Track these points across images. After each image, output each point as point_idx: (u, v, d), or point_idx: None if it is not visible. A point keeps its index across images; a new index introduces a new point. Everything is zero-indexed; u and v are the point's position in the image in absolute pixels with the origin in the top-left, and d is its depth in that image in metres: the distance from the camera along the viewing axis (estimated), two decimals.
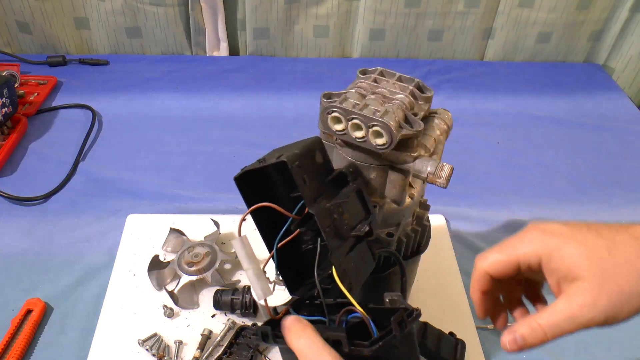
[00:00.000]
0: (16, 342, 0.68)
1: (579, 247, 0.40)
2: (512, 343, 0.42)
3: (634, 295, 0.39)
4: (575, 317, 0.40)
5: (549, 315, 0.41)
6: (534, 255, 0.42)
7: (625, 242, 0.40)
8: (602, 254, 0.40)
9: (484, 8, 1.22)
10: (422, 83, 0.56)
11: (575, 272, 0.40)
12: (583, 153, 1.06)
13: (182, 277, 0.73)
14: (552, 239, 0.41)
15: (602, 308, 0.39)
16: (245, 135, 1.05)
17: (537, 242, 0.42)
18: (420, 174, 0.52)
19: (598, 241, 0.40)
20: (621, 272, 0.39)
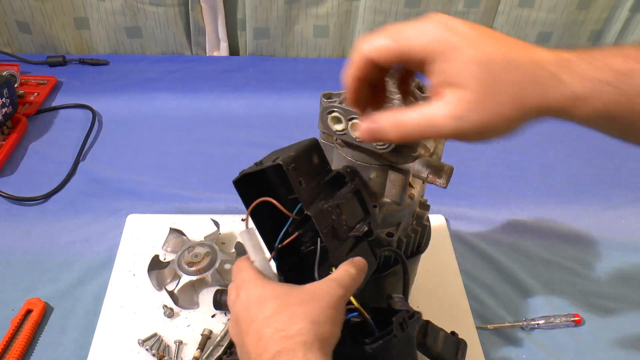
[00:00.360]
0: (16, 342, 0.68)
1: (478, 54, 0.36)
2: (366, 131, 0.40)
3: (508, 120, 0.37)
4: (440, 124, 0.37)
5: (415, 114, 0.38)
6: (427, 50, 0.37)
7: (522, 65, 0.37)
8: (494, 69, 0.36)
9: (484, 8, 1.22)
10: (422, 83, 0.56)
11: (462, 80, 0.36)
12: (583, 153, 1.06)
13: (182, 277, 0.73)
14: (451, 38, 0.37)
15: (474, 122, 0.37)
16: (245, 135, 1.05)
17: (435, 36, 0.37)
18: (420, 174, 0.52)
19: (496, 53, 0.37)
20: (506, 93, 0.36)
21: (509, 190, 0.96)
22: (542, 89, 0.37)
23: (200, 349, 0.67)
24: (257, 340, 0.40)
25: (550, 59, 0.37)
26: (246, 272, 0.46)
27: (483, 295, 0.78)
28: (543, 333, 0.74)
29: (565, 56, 0.37)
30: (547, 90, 0.37)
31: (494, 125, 0.37)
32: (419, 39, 0.38)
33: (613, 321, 0.76)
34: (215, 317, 0.72)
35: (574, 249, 0.86)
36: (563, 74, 0.37)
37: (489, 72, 0.36)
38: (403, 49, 0.38)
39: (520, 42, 0.38)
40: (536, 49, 0.38)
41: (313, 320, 0.40)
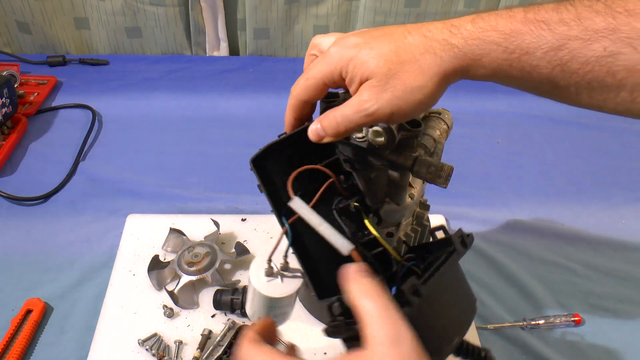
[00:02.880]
0: (16, 342, 0.68)
1: (371, 52, 0.43)
2: (313, 132, 0.46)
3: (415, 89, 0.42)
4: (362, 109, 0.43)
5: (342, 108, 0.44)
6: (335, 71, 0.45)
7: (415, 43, 0.43)
8: (390, 56, 0.43)
9: (484, 8, 1.22)
10: None
11: (366, 74, 0.43)
12: (583, 153, 1.06)
13: (182, 277, 0.73)
14: (348, 52, 0.44)
15: (386, 100, 0.42)
16: (245, 135, 1.05)
17: (336, 58, 0.45)
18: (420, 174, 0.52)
19: (388, 45, 0.43)
20: (405, 70, 0.42)
21: (509, 190, 0.96)
22: (436, 55, 0.42)
23: (200, 349, 0.67)
24: None
25: (440, 27, 0.43)
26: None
27: (483, 295, 0.78)
28: (543, 333, 0.74)
29: (453, 22, 0.43)
30: (441, 56, 0.42)
31: (409, 93, 0.43)
32: (326, 67, 0.46)
33: (613, 321, 0.76)
34: (215, 317, 0.72)
35: (574, 249, 0.86)
36: (452, 39, 0.42)
37: (387, 60, 0.43)
38: (319, 82, 0.46)
39: (410, 25, 0.45)
40: (424, 24, 0.44)
41: None
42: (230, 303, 0.70)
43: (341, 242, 0.43)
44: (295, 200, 0.45)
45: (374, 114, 0.43)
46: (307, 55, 0.52)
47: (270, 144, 0.49)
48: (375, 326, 0.36)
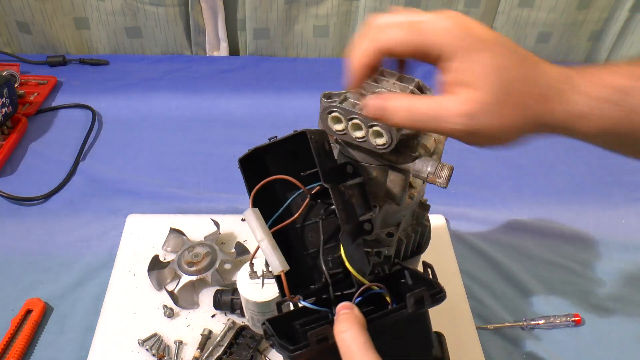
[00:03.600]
0: (16, 342, 0.68)
1: (494, 59, 0.37)
2: (376, 107, 0.40)
3: (514, 129, 0.38)
4: (451, 119, 0.37)
5: (429, 103, 0.38)
6: (444, 48, 0.37)
7: (536, 77, 0.38)
8: (510, 78, 0.37)
9: (484, 8, 1.22)
10: (422, 83, 0.56)
11: (477, 81, 0.37)
12: (583, 153, 1.06)
13: (182, 277, 0.73)
14: (469, 38, 0.37)
15: (479, 125, 0.37)
16: (245, 135, 1.05)
17: (454, 35, 0.37)
18: (420, 174, 0.52)
19: (513, 64, 0.37)
20: (516, 102, 0.37)
21: (509, 190, 0.96)
22: (549, 104, 0.37)
23: (200, 349, 0.67)
24: None
25: (557, 75, 0.38)
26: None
27: (483, 295, 0.78)
28: (543, 333, 0.74)
29: (569, 73, 0.38)
30: (553, 106, 0.37)
31: (500, 130, 0.38)
32: (438, 36, 0.37)
33: (613, 321, 0.76)
34: (215, 317, 0.72)
35: (574, 249, 0.86)
36: (568, 91, 0.37)
37: (504, 79, 0.37)
38: (421, 43, 0.38)
39: (531, 55, 0.39)
40: (544, 63, 0.39)
41: None
42: (230, 303, 0.70)
43: (275, 262, 0.45)
44: (248, 212, 0.46)
45: (464, 129, 0.37)
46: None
47: (257, 147, 0.49)
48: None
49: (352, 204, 0.46)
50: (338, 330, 0.39)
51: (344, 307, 0.41)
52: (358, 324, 0.39)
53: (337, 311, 0.41)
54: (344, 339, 0.39)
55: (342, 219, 0.44)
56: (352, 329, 0.39)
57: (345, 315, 0.40)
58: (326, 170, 0.46)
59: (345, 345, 0.38)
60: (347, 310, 0.41)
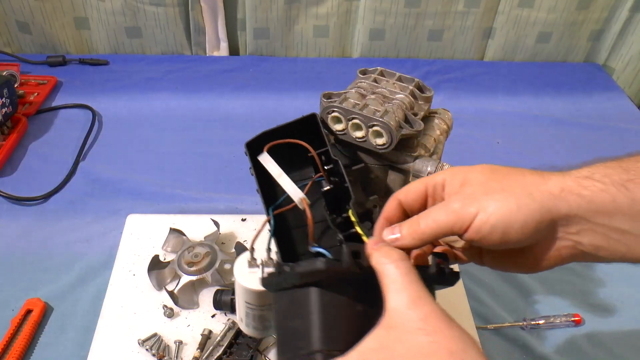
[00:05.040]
0: (16, 342, 0.68)
1: (480, 165, 0.42)
2: (389, 241, 0.41)
3: (512, 196, 0.39)
4: (449, 205, 0.40)
5: (428, 210, 0.41)
6: (441, 177, 0.43)
7: (523, 169, 0.41)
8: (497, 167, 0.42)
9: (484, 8, 1.22)
10: (422, 83, 0.56)
11: (467, 179, 0.41)
12: (583, 153, 1.06)
13: (182, 277, 0.73)
14: (459, 167, 0.43)
15: (477, 197, 0.39)
16: (245, 135, 1.04)
17: (447, 170, 0.43)
18: (420, 174, 0.52)
19: (507, 177, 0.41)
20: (508, 178, 0.40)
21: None
22: (544, 177, 0.41)
23: (200, 349, 0.67)
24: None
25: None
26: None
27: (483, 295, 0.78)
28: (543, 333, 0.74)
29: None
30: (549, 178, 0.41)
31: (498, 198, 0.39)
32: (438, 176, 0.43)
33: (613, 321, 0.76)
34: (215, 317, 0.72)
35: None
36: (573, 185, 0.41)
37: (493, 179, 0.41)
38: (422, 185, 0.43)
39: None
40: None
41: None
42: (230, 303, 0.70)
43: (294, 191, 0.47)
44: (264, 155, 0.48)
45: (460, 210, 0.39)
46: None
47: (265, 131, 0.50)
48: (396, 288, 0.37)
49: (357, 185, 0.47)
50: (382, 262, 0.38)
51: (378, 241, 0.42)
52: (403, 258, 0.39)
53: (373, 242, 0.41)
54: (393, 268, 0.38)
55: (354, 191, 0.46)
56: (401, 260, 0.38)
57: (388, 248, 0.40)
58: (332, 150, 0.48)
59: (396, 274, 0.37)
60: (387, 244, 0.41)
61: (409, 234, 0.41)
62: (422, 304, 0.36)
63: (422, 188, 0.43)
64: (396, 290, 0.37)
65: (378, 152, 0.51)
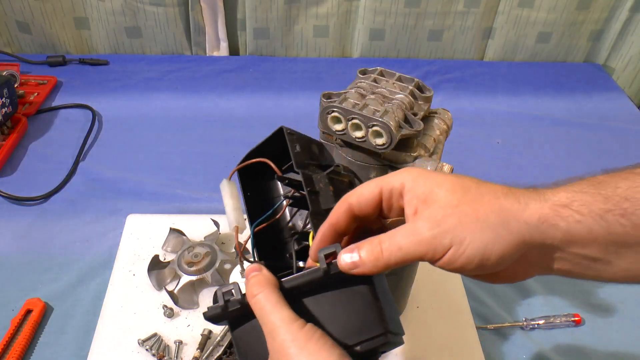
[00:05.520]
0: (16, 342, 0.68)
1: (446, 176, 0.38)
2: (347, 263, 0.37)
3: (488, 226, 0.35)
4: (419, 233, 0.36)
5: (392, 233, 0.37)
6: (399, 182, 0.39)
7: (498, 185, 0.37)
8: (469, 183, 0.37)
9: (484, 8, 1.22)
10: (421, 83, 0.56)
11: (434, 194, 0.37)
12: (583, 153, 1.06)
13: (182, 277, 0.73)
14: (423, 173, 0.39)
15: (450, 227, 0.35)
16: (245, 135, 1.05)
17: (408, 172, 0.39)
18: None
19: (472, 179, 0.38)
20: (482, 200, 0.36)
21: None
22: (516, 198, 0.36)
23: (200, 349, 0.67)
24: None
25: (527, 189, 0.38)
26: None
27: (483, 295, 0.78)
28: (543, 333, 0.74)
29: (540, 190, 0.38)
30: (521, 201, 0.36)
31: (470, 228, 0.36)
32: (394, 179, 0.39)
33: (613, 321, 0.76)
34: None
35: None
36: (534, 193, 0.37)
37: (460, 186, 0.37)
38: (380, 189, 0.39)
39: None
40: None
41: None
42: None
43: (231, 219, 0.50)
44: (223, 183, 0.49)
45: (432, 241, 0.36)
46: None
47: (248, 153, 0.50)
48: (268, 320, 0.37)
49: (328, 191, 0.46)
50: (250, 294, 0.38)
51: (252, 269, 0.40)
52: (267, 283, 0.38)
53: (246, 274, 0.40)
54: (256, 302, 0.38)
55: (312, 202, 0.44)
56: (264, 290, 0.38)
57: (254, 278, 0.39)
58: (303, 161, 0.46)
59: (258, 307, 0.38)
60: (255, 272, 0.39)
61: (370, 260, 0.37)
62: (295, 328, 0.36)
63: (377, 191, 0.39)
64: (270, 323, 0.37)
65: (378, 152, 0.51)
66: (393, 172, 0.40)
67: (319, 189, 0.45)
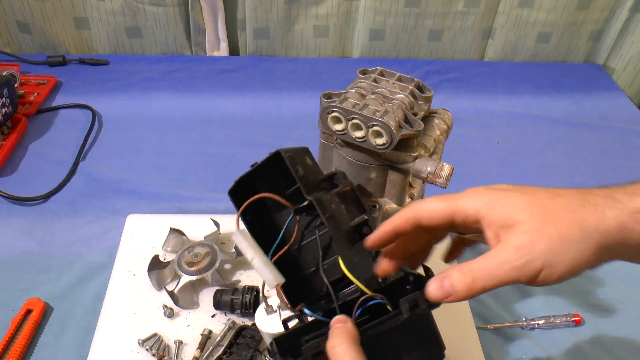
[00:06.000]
0: (16, 342, 0.68)
1: (521, 196, 0.38)
2: (438, 291, 0.38)
3: (573, 243, 0.36)
4: (511, 261, 0.36)
5: (481, 261, 0.38)
6: (473, 208, 0.39)
7: (569, 194, 0.38)
8: (544, 200, 0.38)
9: (484, 8, 1.22)
10: (422, 83, 0.56)
11: (514, 218, 0.37)
12: (583, 153, 1.06)
13: (182, 277, 0.73)
14: (495, 193, 0.39)
15: (540, 252, 0.36)
16: (245, 135, 1.05)
17: (479, 196, 0.40)
18: (420, 174, 0.52)
19: (540, 191, 0.39)
20: (562, 218, 0.37)
21: None
22: (597, 209, 0.37)
23: (200, 349, 0.67)
24: None
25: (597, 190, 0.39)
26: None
27: (483, 295, 0.78)
28: (543, 333, 0.74)
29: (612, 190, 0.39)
30: (603, 211, 0.37)
31: (558, 249, 0.36)
32: (465, 201, 0.40)
33: (613, 321, 0.76)
34: (215, 317, 0.72)
35: None
36: (616, 193, 0.38)
37: (539, 205, 0.38)
38: (450, 210, 0.40)
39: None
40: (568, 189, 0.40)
41: None
42: (230, 303, 0.70)
43: (268, 277, 0.46)
44: (236, 234, 0.47)
45: (526, 268, 0.36)
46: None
47: (242, 176, 0.48)
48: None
49: (341, 210, 0.46)
50: (330, 345, 0.39)
51: (338, 320, 0.41)
52: (350, 337, 0.39)
53: (331, 325, 0.41)
54: (335, 354, 0.39)
55: (332, 226, 0.44)
56: (344, 343, 0.39)
57: (338, 330, 0.40)
58: (308, 182, 0.46)
59: (335, 358, 0.39)
60: (340, 324, 0.41)
61: (464, 289, 0.38)
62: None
63: (448, 213, 0.40)
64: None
65: (378, 152, 0.51)
66: (461, 195, 0.41)
67: (332, 210, 0.45)
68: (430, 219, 0.41)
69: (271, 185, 0.49)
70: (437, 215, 0.41)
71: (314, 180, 0.47)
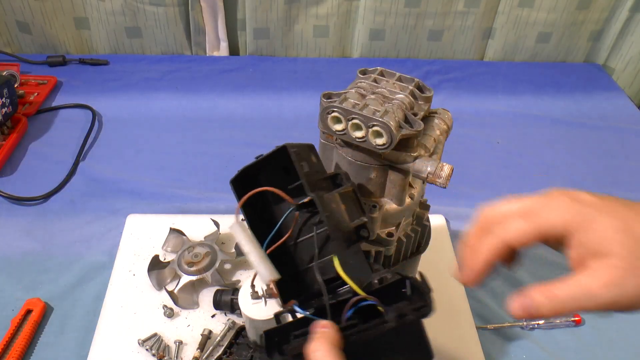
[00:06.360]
0: (16, 342, 0.68)
1: (614, 221, 0.36)
2: (520, 309, 0.38)
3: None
4: (598, 294, 0.36)
5: (569, 287, 0.37)
6: (561, 225, 0.37)
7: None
8: (636, 230, 0.36)
9: (484, 8, 1.22)
10: (422, 83, 0.56)
11: (606, 248, 0.36)
12: (583, 153, 1.06)
13: (182, 277, 0.73)
14: (584, 209, 0.37)
15: (630, 290, 0.35)
16: (245, 135, 1.05)
17: (567, 210, 0.37)
18: (420, 174, 0.52)
19: (632, 215, 0.37)
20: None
21: (509, 190, 0.96)
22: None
23: (200, 349, 0.67)
24: None
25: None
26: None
27: (483, 295, 0.78)
28: (543, 333, 0.74)
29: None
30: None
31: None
32: (552, 216, 0.38)
33: (613, 321, 0.76)
34: (215, 317, 0.72)
35: None
36: None
37: (632, 236, 0.36)
38: (543, 230, 0.39)
39: (634, 203, 0.39)
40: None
41: None
42: (230, 303, 0.70)
43: (263, 272, 0.46)
44: (234, 226, 0.47)
45: (612, 303, 0.36)
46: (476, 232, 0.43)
47: (246, 167, 0.49)
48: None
49: (342, 211, 0.46)
50: (309, 350, 0.39)
51: (320, 325, 0.41)
52: (329, 343, 0.39)
53: (313, 329, 0.41)
54: (314, 359, 0.39)
55: (331, 225, 0.44)
56: (323, 348, 0.39)
57: (319, 334, 0.40)
58: (311, 180, 0.46)
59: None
60: (322, 329, 0.41)
61: (549, 314, 0.38)
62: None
63: (537, 237, 0.39)
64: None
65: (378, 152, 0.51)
66: (544, 207, 0.39)
67: (332, 210, 0.45)
68: (521, 244, 0.40)
69: (273, 178, 0.49)
70: (527, 240, 0.39)
71: (317, 178, 0.47)
